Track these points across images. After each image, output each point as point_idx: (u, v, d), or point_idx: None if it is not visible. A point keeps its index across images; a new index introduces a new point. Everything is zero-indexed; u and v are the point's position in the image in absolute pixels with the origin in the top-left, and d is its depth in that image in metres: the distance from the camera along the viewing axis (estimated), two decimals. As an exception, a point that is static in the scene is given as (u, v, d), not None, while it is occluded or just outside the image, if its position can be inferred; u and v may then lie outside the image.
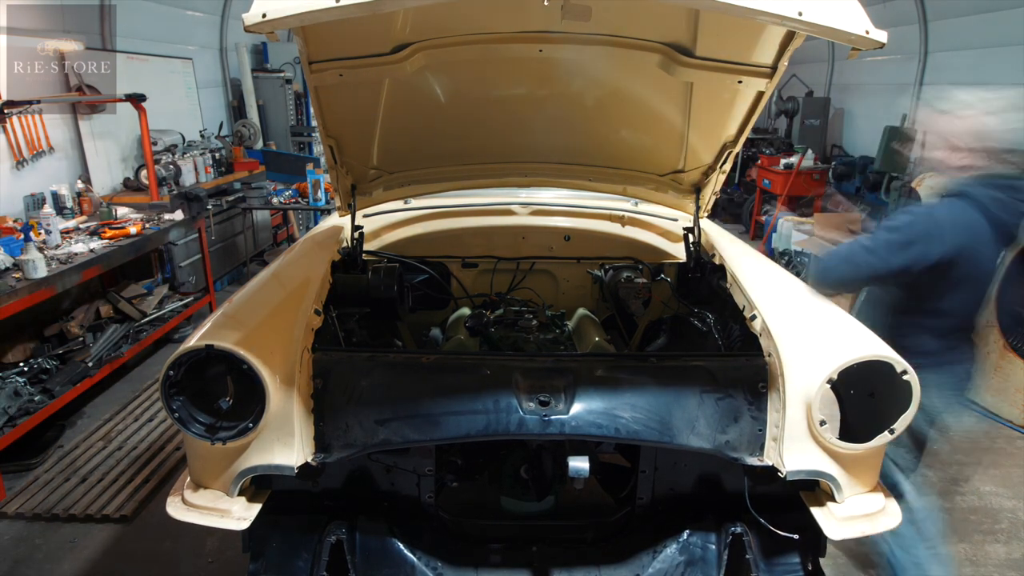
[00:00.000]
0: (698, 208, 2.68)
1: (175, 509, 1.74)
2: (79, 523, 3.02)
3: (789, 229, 6.92)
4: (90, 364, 3.92)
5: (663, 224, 3.14)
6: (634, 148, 2.62)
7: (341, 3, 1.33)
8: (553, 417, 1.66)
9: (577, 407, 1.69)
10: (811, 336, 1.84)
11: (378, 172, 2.65)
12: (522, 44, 2.04)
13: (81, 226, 4.31)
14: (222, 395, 1.75)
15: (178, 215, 4.72)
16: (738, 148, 2.42)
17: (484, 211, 3.16)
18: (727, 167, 2.50)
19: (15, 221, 4.01)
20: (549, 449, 1.98)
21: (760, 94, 2.13)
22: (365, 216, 2.90)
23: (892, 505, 1.78)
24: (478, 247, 3.11)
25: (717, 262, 2.50)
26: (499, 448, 2.04)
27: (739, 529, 1.91)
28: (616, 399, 1.73)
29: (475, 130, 2.54)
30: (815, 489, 1.81)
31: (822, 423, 1.67)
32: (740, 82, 2.07)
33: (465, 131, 2.55)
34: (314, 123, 8.49)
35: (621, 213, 3.19)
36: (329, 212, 4.95)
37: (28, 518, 3.04)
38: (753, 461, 1.74)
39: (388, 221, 3.07)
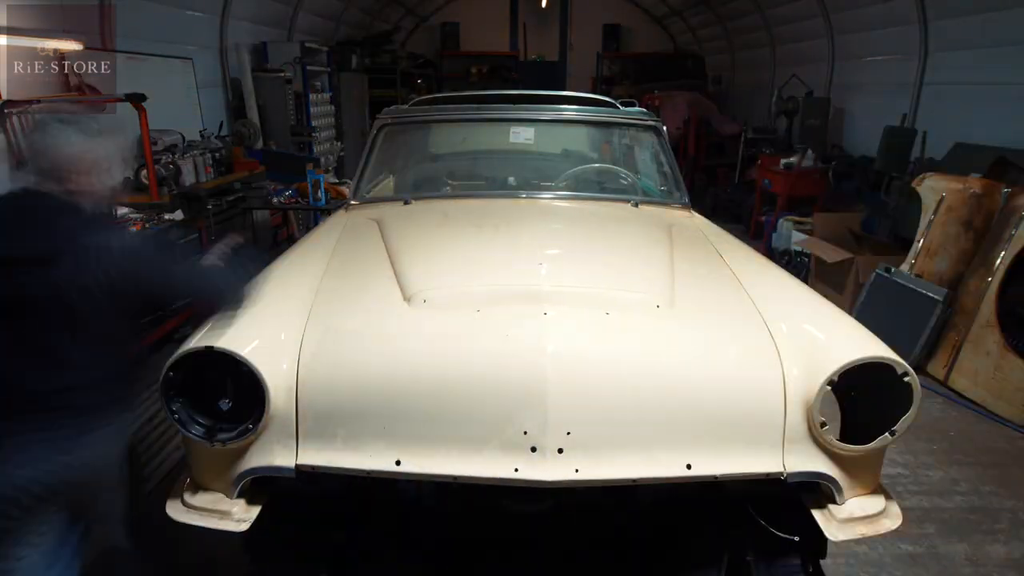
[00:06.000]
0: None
1: (175, 511, 1.73)
2: (79, 524, 3.02)
3: (789, 229, 6.93)
4: (90, 364, 3.91)
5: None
6: None
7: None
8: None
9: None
10: (812, 337, 1.84)
11: None
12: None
13: (81, 226, 4.30)
14: (222, 396, 1.75)
15: (178, 215, 4.71)
16: None
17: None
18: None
19: (15, 221, 4.00)
20: None
21: None
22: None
23: (893, 507, 1.78)
24: None
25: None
26: None
27: (739, 531, 1.91)
28: None
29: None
30: (815, 491, 1.81)
31: (823, 424, 1.67)
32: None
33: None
34: (314, 123, 8.51)
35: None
36: (329, 212, 4.94)
37: (28, 518, 3.04)
38: (753, 462, 1.74)
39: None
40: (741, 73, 12.58)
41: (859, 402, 1.77)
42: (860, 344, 1.75)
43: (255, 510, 1.72)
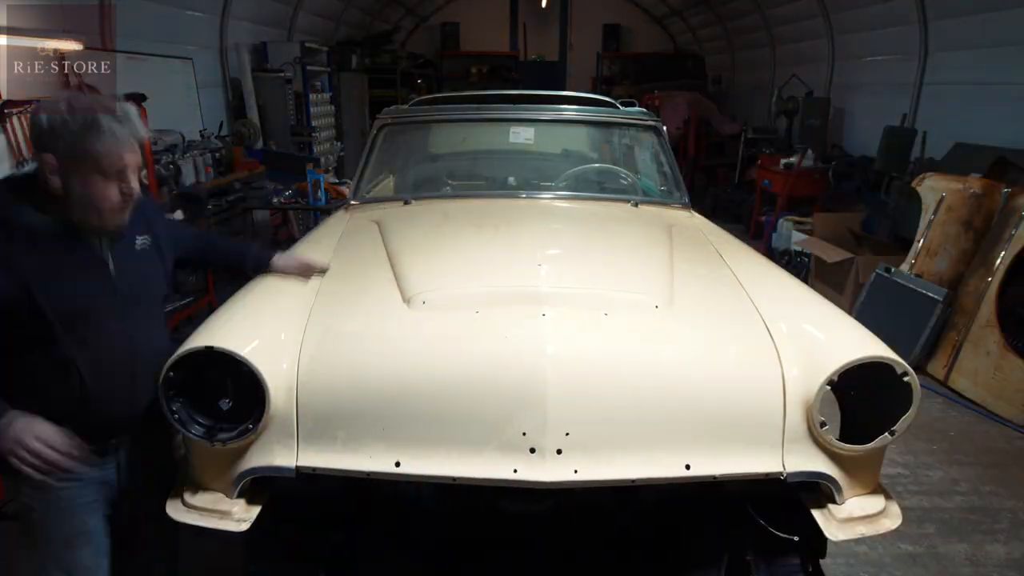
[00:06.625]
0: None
1: (175, 510, 1.73)
2: (79, 524, 3.01)
3: (789, 229, 6.93)
4: (90, 364, 3.91)
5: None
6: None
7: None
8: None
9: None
10: (811, 336, 1.84)
11: None
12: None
13: (81, 226, 4.30)
14: (222, 396, 1.74)
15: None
16: None
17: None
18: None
19: (15, 221, 4.00)
20: None
21: None
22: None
23: (893, 507, 1.78)
24: None
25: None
26: None
27: (739, 531, 1.91)
28: None
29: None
30: (815, 490, 1.81)
31: (822, 424, 1.67)
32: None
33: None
34: (314, 123, 8.52)
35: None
36: (329, 212, 4.94)
37: (28, 519, 3.04)
38: (753, 462, 1.74)
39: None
40: (741, 73, 12.58)
41: (859, 402, 1.77)
42: (860, 344, 1.75)
43: (255, 510, 1.71)
